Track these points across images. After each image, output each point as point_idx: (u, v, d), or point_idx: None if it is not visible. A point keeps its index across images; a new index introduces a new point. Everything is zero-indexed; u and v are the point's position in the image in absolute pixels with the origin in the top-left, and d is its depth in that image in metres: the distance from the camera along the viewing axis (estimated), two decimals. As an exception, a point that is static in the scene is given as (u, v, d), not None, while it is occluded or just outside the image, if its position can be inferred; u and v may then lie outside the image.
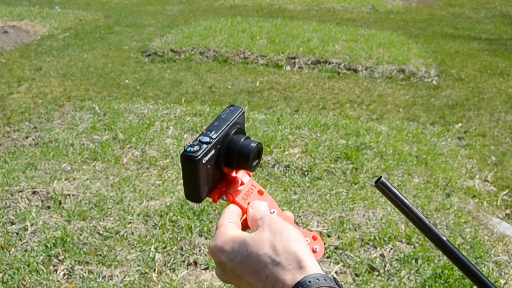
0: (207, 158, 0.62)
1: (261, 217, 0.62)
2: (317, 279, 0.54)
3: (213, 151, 0.63)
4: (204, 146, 0.62)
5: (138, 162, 3.28)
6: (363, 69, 5.92)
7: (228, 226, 0.63)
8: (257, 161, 0.67)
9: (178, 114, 4.17)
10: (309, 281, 0.54)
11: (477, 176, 3.33)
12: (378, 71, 5.84)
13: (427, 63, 6.21)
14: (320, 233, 2.57)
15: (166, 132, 3.78)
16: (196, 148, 0.61)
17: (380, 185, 0.65)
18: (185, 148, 0.62)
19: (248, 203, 0.68)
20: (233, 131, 0.66)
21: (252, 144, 0.65)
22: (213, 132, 0.64)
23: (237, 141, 0.65)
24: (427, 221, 0.64)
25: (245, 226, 0.67)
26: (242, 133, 0.68)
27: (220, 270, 0.61)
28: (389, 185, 0.65)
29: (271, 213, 0.67)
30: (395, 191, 0.65)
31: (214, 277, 2.24)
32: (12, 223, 2.57)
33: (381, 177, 0.65)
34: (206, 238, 2.48)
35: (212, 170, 0.64)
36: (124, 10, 10.19)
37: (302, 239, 0.60)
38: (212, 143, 0.63)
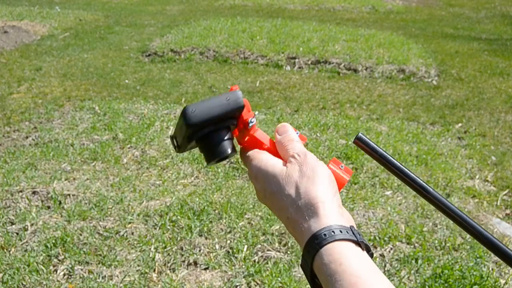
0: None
1: (296, 153, 0.61)
2: (333, 231, 0.53)
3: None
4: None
5: (138, 162, 3.28)
6: (363, 69, 5.92)
7: (262, 153, 0.64)
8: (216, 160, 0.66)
9: (178, 114, 4.17)
10: (324, 234, 0.52)
11: (477, 176, 3.33)
12: (378, 71, 5.84)
13: (427, 63, 6.21)
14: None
15: (166, 132, 3.78)
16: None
17: (358, 141, 0.65)
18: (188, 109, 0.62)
19: (275, 132, 0.66)
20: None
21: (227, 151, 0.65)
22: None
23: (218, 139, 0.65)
24: (409, 172, 0.63)
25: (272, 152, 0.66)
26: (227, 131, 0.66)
27: (258, 194, 0.63)
28: (367, 140, 0.65)
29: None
30: (373, 145, 0.65)
31: (214, 277, 2.24)
32: (12, 223, 2.57)
33: (358, 133, 0.65)
34: (206, 238, 2.48)
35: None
36: (124, 10, 10.19)
37: (330, 185, 0.58)
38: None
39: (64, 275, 2.23)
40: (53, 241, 2.40)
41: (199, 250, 2.39)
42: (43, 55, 6.20)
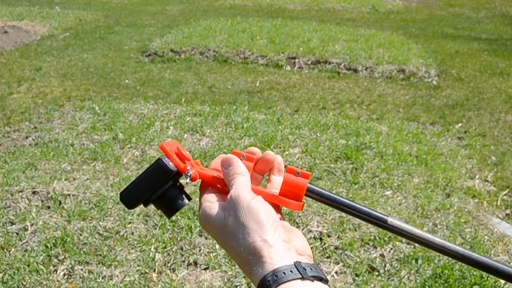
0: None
1: (228, 198, 0.59)
2: (275, 275, 0.51)
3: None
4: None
5: (138, 162, 3.28)
6: (363, 69, 5.92)
7: (205, 200, 0.62)
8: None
9: (178, 114, 4.17)
10: (268, 281, 0.51)
11: (477, 176, 3.33)
12: (378, 71, 5.84)
13: (427, 63, 6.21)
14: (320, 233, 2.57)
15: (166, 132, 3.78)
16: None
17: (308, 193, 0.63)
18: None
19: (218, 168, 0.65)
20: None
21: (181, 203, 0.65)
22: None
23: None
24: (362, 207, 0.62)
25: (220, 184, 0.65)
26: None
27: None
28: (315, 188, 0.63)
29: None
30: (322, 191, 0.63)
31: (214, 277, 2.24)
32: (12, 223, 2.57)
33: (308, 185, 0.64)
34: (206, 238, 2.48)
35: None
36: (124, 10, 10.19)
37: (267, 223, 0.55)
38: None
39: (64, 275, 2.23)
40: (53, 241, 2.40)
41: (199, 250, 2.39)
42: (43, 55, 6.20)
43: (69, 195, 2.81)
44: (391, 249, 2.47)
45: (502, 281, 2.27)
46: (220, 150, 3.43)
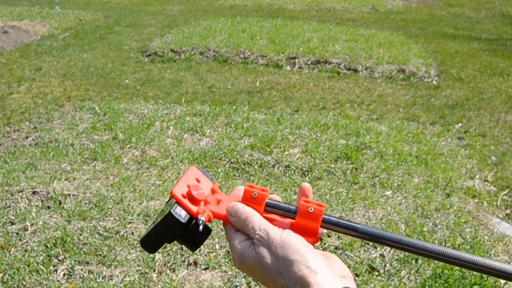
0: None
1: (255, 236, 0.58)
2: None
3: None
4: None
5: (138, 162, 3.28)
6: (363, 69, 5.92)
7: (234, 240, 0.62)
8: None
9: (178, 114, 4.17)
10: None
11: (477, 176, 3.33)
12: (378, 71, 5.84)
13: (427, 63, 6.21)
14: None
15: (166, 132, 3.78)
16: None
17: (324, 224, 0.62)
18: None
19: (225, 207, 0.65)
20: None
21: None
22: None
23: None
24: (380, 232, 0.61)
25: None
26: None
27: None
28: (330, 218, 0.62)
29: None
30: (336, 219, 0.62)
31: (214, 277, 2.24)
32: (12, 223, 2.57)
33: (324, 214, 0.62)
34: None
35: None
36: (124, 10, 10.19)
37: (306, 251, 0.56)
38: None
39: (64, 275, 2.23)
40: (53, 241, 2.40)
41: (199, 250, 2.39)
42: (43, 55, 6.20)
43: (69, 195, 2.81)
44: (391, 249, 2.47)
45: (502, 281, 2.27)
46: (220, 150, 3.43)
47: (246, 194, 0.64)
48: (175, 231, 0.63)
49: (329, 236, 2.54)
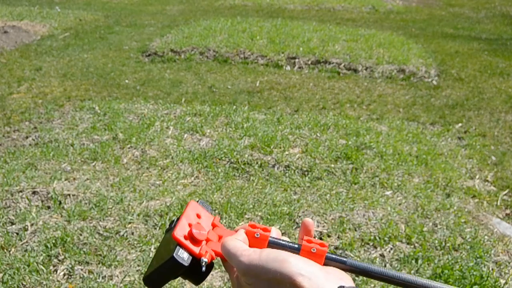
0: None
1: (243, 271, 0.58)
2: None
3: None
4: None
5: (138, 162, 3.28)
6: (363, 69, 5.92)
7: (233, 279, 0.63)
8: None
9: (178, 114, 4.17)
10: None
11: (477, 176, 3.33)
12: (378, 71, 5.84)
13: (427, 63, 6.21)
14: (320, 233, 2.57)
15: (166, 132, 3.78)
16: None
17: (349, 267, 0.60)
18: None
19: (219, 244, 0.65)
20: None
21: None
22: None
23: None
24: (383, 269, 0.59)
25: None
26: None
27: None
28: (336, 257, 0.60)
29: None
30: (343, 259, 0.61)
31: (214, 277, 2.24)
32: (12, 223, 2.57)
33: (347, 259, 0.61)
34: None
35: None
36: (124, 10, 10.20)
37: (294, 262, 0.55)
38: None
39: (64, 275, 2.23)
40: (53, 241, 2.40)
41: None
42: (43, 55, 6.20)
43: (69, 195, 2.81)
44: (391, 249, 2.47)
45: (502, 281, 2.27)
46: (220, 150, 3.43)
47: (248, 235, 0.64)
48: (178, 273, 0.64)
49: (329, 236, 2.54)
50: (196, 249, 0.63)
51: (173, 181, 3.05)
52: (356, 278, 2.26)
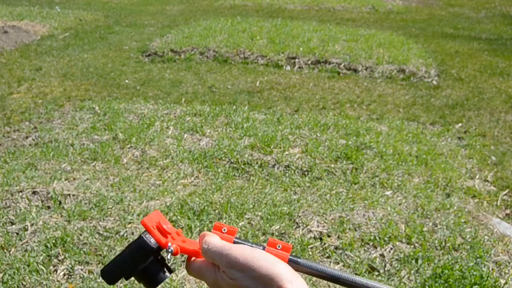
0: None
1: (232, 263, 0.60)
2: None
3: None
4: None
5: (138, 162, 3.28)
6: (363, 69, 5.92)
7: (207, 276, 0.63)
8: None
9: (178, 114, 4.17)
10: None
11: (477, 176, 3.33)
12: (378, 71, 5.84)
13: (427, 63, 6.21)
14: (320, 233, 2.57)
15: (166, 132, 3.78)
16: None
17: (291, 264, 0.64)
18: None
19: (199, 241, 0.66)
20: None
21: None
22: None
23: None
24: (351, 276, 0.63)
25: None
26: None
27: None
28: (299, 260, 0.64)
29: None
30: (307, 262, 0.64)
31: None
32: (12, 223, 2.57)
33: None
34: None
35: None
36: (124, 10, 10.20)
37: (279, 268, 0.58)
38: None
39: (64, 275, 2.23)
40: (53, 241, 2.40)
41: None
42: (43, 55, 6.20)
43: (69, 195, 2.81)
44: (391, 249, 2.47)
45: (502, 281, 2.27)
46: (220, 150, 3.43)
47: (216, 229, 0.66)
48: (142, 258, 0.64)
49: (329, 236, 2.54)
50: (163, 239, 0.65)
51: (173, 181, 3.05)
52: None
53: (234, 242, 0.65)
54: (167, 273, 0.66)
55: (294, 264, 0.63)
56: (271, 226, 2.57)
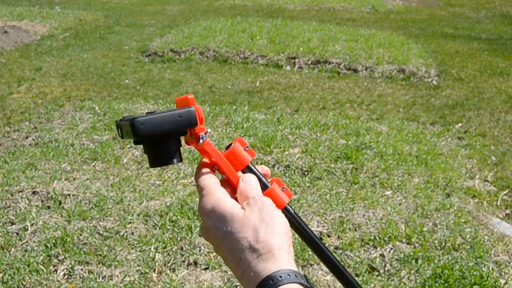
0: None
1: (254, 197, 0.62)
2: (288, 274, 0.55)
3: None
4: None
5: (138, 162, 3.28)
6: (363, 69, 5.92)
7: (218, 190, 0.63)
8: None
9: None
10: (280, 276, 0.55)
11: (477, 176, 3.33)
12: (378, 71, 5.84)
13: (427, 63, 6.21)
14: (320, 233, 2.57)
15: (166, 132, 3.78)
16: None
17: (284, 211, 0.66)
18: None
19: (236, 172, 0.67)
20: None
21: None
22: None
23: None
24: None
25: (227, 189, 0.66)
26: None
27: (204, 231, 0.63)
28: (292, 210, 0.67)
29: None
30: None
31: (214, 277, 2.24)
32: (12, 223, 2.57)
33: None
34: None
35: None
36: (124, 10, 10.20)
37: (287, 235, 0.60)
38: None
39: (64, 275, 2.23)
40: (53, 241, 2.40)
41: (199, 250, 2.39)
42: (43, 55, 6.20)
43: (69, 195, 2.81)
44: (391, 249, 2.47)
45: (502, 281, 2.27)
46: (220, 150, 3.42)
47: (240, 142, 0.68)
48: (179, 128, 0.62)
49: (329, 236, 2.54)
50: (200, 124, 0.64)
51: (173, 181, 3.05)
52: (357, 279, 2.26)
53: (247, 167, 0.66)
54: (178, 159, 0.65)
55: (286, 212, 0.66)
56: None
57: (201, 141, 0.64)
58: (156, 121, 0.61)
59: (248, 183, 0.65)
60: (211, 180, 0.64)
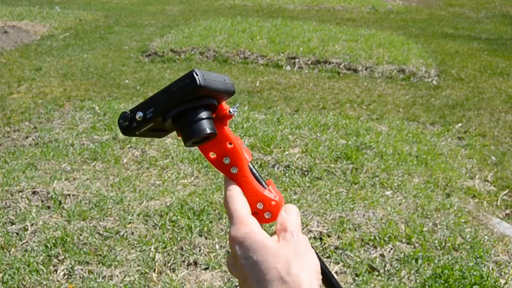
0: None
1: (292, 232, 0.61)
2: None
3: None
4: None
5: (138, 162, 3.28)
6: (363, 69, 5.92)
7: (251, 219, 0.61)
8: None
9: (178, 114, 4.17)
10: None
11: (477, 176, 3.33)
12: (378, 71, 5.84)
13: (427, 63, 6.21)
14: (320, 233, 2.57)
15: (166, 132, 3.78)
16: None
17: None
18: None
19: (279, 200, 0.66)
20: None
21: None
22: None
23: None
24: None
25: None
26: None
27: (232, 260, 0.61)
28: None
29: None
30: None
31: (214, 277, 2.24)
32: (12, 223, 2.57)
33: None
34: (206, 238, 2.48)
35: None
36: (124, 10, 10.20)
37: (317, 272, 0.60)
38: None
39: (64, 275, 2.23)
40: (53, 241, 2.40)
41: (199, 250, 2.39)
42: (43, 55, 6.20)
43: (69, 195, 2.81)
44: (391, 249, 2.47)
45: (502, 281, 2.27)
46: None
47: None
48: (223, 93, 0.61)
49: (329, 236, 2.54)
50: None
51: (173, 181, 3.05)
52: (357, 278, 2.26)
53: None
54: (213, 129, 0.62)
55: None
56: (270, 226, 2.57)
57: (235, 112, 0.64)
58: (213, 77, 0.60)
59: (290, 215, 0.64)
60: (243, 207, 0.63)
